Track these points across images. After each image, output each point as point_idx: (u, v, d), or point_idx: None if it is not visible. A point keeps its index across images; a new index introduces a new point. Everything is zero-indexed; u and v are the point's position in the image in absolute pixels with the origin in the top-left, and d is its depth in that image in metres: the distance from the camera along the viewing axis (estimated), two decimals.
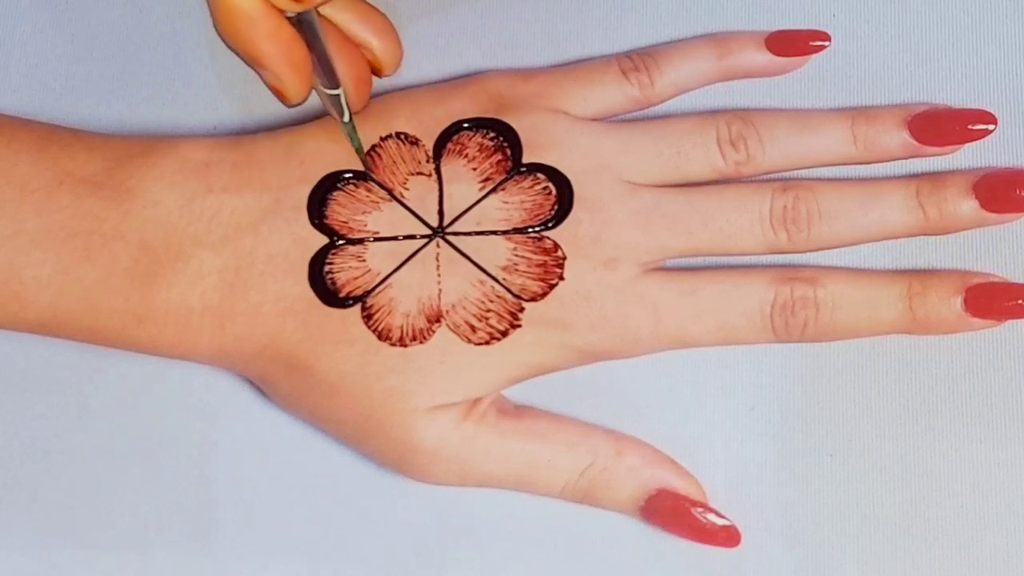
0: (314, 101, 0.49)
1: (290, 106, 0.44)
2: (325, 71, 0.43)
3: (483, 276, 0.45)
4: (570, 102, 0.47)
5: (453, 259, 0.45)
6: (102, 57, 0.49)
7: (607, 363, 0.46)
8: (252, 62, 0.42)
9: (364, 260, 0.45)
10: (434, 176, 0.46)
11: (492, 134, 0.46)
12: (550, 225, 0.45)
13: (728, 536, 0.45)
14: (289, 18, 0.41)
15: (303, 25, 0.42)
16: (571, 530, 0.46)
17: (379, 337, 0.45)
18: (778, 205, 0.46)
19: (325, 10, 0.45)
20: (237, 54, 0.42)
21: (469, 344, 0.44)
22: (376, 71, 0.47)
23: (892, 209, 0.46)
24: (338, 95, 0.44)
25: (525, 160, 0.46)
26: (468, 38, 0.49)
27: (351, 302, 0.45)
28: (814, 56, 0.48)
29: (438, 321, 0.45)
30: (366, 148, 0.46)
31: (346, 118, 0.45)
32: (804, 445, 0.46)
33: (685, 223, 0.45)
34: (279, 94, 0.43)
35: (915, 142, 0.46)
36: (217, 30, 0.42)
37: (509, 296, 0.45)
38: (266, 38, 0.41)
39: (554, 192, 0.46)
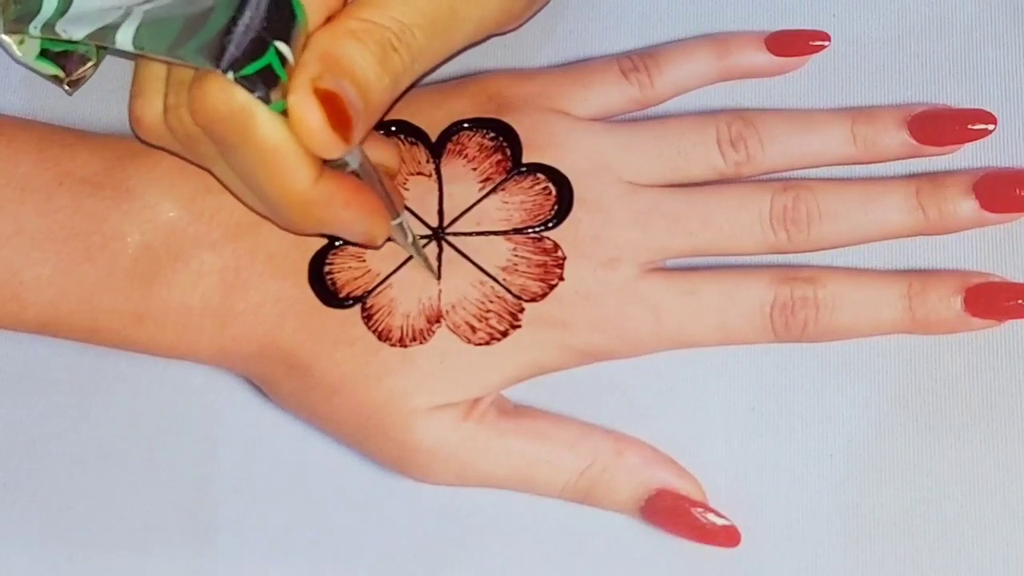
0: None
1: (379, 247, 0.44)
2: (387, 201, 0.43)
3: (483, 276, 0.45)
4: (570, 102, 0.47)
5: (453, 259, 0.45)
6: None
7: (607, 363, 0.46)
8: (337, 234, 0.43)
9: (364, 260, 0.45)
10: (434, 176, 0.46)
11: (492, 134, 0.46)
12: (550, 225, 0.45)
13: (728, 536, 0.45)
14: (351, 171, 0.41)
15: (358, 174, 0.42)
16: (571, 530, 0.46)
17: (379, 337, 0.45)
18: (778, 205, 0.46)
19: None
20: (318, 233, 0.43)
21: (469, 344, 0.44)
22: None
23: (892, 209, 0.46)
24: (400, 223, 0.44)
25: (525, 160, 0.46)
26: None
27: (351, 302, 0.45)
28: (814, 56, 0.48)
29: (438, 321, 0.45)
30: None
31: (410, 239, 0.44)
32: (804, 445, 0.46)
33: (685, 223, 0.45)
34: (367, 244, 0.44)
35: (915, 142, 0.46)
36: (294, 230, 0.43)
37: (509, 296, 0.45)
38: (343, 208, 0.41)
39: (554, 192, 0.46)
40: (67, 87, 0.48)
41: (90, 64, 0.48)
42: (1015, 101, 0.47)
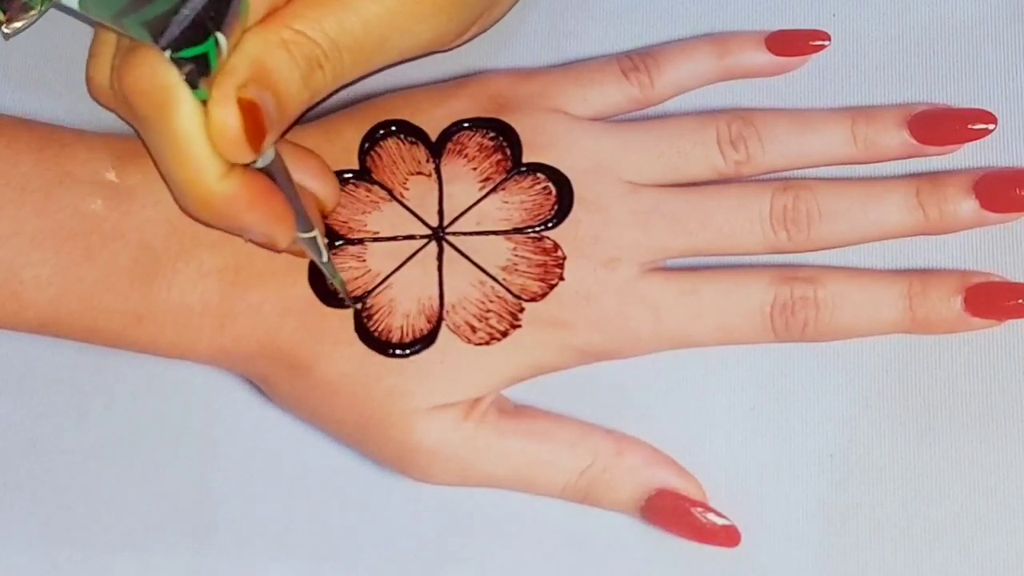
0: None
1: (280, 251, 0.44)
2: (298, 213, 0.42)
3: (483, 276, 0.45)
4: (570, 102, 0.47)
5: (453, 259, 0.45)
6: None
7: (607, 363, 0.46)
8: (237, 232, 0.43)
9: (364, 260, 0.45)
10: (434, 176, 0.46)
11: (492, 134, 0.46)
12: (550, 225, 0.45)
13: (728, 536, 0.45)
14: (259, 169, 0.41)
15: (271, 173, 0.41)
16: (571, 530, 0.46)
17: (379, 337, 0.45)
18: (778, 205, 0.46)
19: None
20: (217, 228, 0.42)
21: (469, 344, 0.44)
22: (321, 208, 0.45)
23: (892, 209, 0.46)
24: (314, 237, 0.43)
25: (525, 160, 0.46)
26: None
27: (351, 302, 0.45)
28: (814, 56, 0.48)
29: (438, 322, 0.45)
30: (365, 147, 0.46)
31: (324, 258, 0.44)
32: (804, 445, 0.46)
33: (685, 223, 0.45)
34: (269, 247, 0.43)
35: (915, 142, 0.46)
36: (195, 218, 0.42)
37: (509, 296, 0.45)
38: (245, 208, 0.41)
39: (554, 192, 0.46)
40: (5, 30, 0.48)
41: (32, 12, 0.48)
42: (1015, 101, 0.47)
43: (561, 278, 0.45)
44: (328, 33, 0.41)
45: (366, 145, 0.46)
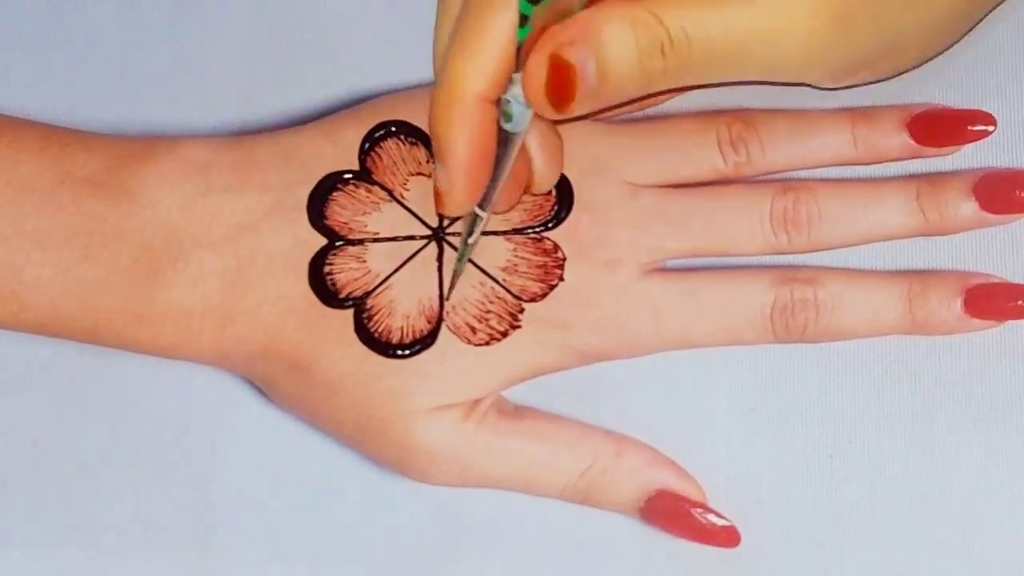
0: (313, 101, 0.49)
1: (441, 213, 0.44)
2: (490, 189, 0.42)
3: (483, 277, 0.45)
4: None
5: (453, 260, 0.45)
6: (102, 57, 0.49)
7: (607, 363, 0.46)
8: (438, 153, 0.42)
9: (364, 261, 0.45)
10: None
11: None
12: (550, 226, 0.45)
13: (728, 536, 0.45)
14: (500, 130, 0.41)
15: (503, 142, 0.41)
16: (571, 530, 0.46)
17: (379, 338, 0.45)
18: (778, 207, 0.46)
19: None
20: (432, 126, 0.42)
21: (469, 345, 0.45)
22: (526, 185, 0.45)
23: (892, 211, 0.46)
24: (482, 218, 0.43)
25: None
26: None
27: (351, 303, 0.45)
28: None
29: (438, 322, 0.45)
30: (366, 147, 0.46)
31: (472, 239, 0.44)
32: (804, 445, 0.46)
33: (685, 224, 0.45)
34: (440, 199, 0.43)
35: (915, 143, 0.46)
36: (432, 110, 0.42)
37: (509, 297, 0.45)
38: (466, 140, 0.41)
39: (554, 193, 0.46)
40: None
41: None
42: (1015, 101, 0.47)
43: (561, 279, 0.45)
44: (682, 23, 0.40)
45: (366, 146, 0.46)
